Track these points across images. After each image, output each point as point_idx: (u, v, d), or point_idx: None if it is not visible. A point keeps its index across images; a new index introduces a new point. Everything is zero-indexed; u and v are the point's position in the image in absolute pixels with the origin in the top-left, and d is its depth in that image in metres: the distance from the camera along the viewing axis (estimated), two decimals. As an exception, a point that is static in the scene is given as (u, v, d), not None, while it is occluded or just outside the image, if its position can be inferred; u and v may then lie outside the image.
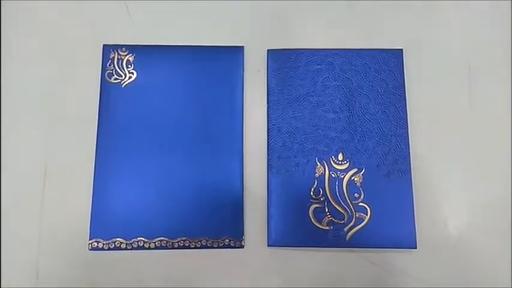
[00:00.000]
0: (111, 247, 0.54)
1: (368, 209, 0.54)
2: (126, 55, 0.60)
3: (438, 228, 0.55)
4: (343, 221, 0.54)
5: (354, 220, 0.54)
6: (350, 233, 0.54)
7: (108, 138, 0.57)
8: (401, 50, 0.60)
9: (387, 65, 0.59)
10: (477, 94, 0.60)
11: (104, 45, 0.61)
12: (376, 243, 0.53)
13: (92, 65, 0.60)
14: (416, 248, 0.53)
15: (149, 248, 0.54)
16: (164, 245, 0.54)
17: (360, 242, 0.53)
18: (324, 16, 0.63)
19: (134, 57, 0.60)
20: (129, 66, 0.60)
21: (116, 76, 0.59)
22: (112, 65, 0.60)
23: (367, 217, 0.54)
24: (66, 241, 0.55)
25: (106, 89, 0.59)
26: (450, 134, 0.58)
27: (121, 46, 0.61)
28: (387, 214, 0.54)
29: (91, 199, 0.55)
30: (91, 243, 0.54)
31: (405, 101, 0.58)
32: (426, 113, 0.59)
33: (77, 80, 0.60)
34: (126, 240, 0.54)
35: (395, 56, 0.60)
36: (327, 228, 0.54)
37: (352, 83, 0.59)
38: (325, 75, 0.59)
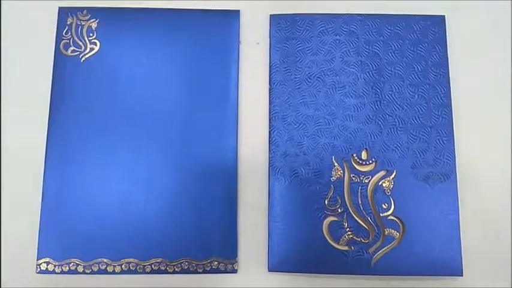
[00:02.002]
0: (65, 270, 0.41)
1: (400, 224, 0.42)
2: (87, 20, 0.47)
3: (490, 249, 0.43)
4: (367, 240, 0.41)
5: (381, 239, 0.41)
6: (376, 256, 0.41)
7: (62, 128, 0.44)
8: (444, 16, 0.46)
9: (426, 36, 0.46)
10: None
11: (59, 7, 0.47)
12: (410, 269, 0.41)
13: (44, 33, 0.46)
14: (462, 275, 0.41)
15: (114, 272, 0.42)
16: (133, 269, 0.41)
17: (389, 267, 0.41)
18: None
19: (98, 23, 0.47)
20: (91, 34, 0.46)
21: (73, 47, 0.46)
22: (69, 33, 0.46)
23: (399, 235, 0.41)
24: (8, 260, 0.42)
25: (61, 63, 0.46)
26: (506, 127, 0.45)
27: (81, 9, 0.47)
28: (425, 231, 0.41)
29: (40, 206, 0.42)
30: (39, 265, 0.41)
31: (449, 83, 0.45)
32: (475, 99, 0.46)
33: (25, 51, 0.47)
34: (84, 261, 0.42)
35: (436, 25, 0.46)
36: (347, 248, 0.41)
37: (380, 59, 0.45)
38: (345, 49, 0.45)
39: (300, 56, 0.45)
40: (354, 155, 0.43)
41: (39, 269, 0.41)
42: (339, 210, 0.42)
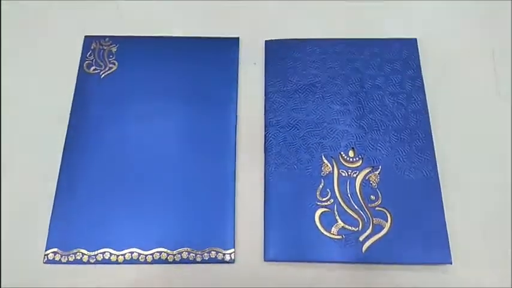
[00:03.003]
0: (71, 260, 0.44)
1: (388, 214, 0.44)
2: (108, 46, 0.54)
3: (478, 237, 0.44)
4: (357, 228, 0.44)
5: (371, 227, 0.44)
6: (367, 244, 0.43)
7: (80, 133, 0.49)
8: (415, 39, 0.53)
9: (401, 54, 0.52)
10: (505, 82, 0.52)
11: (85, 36, 0.55)
12: (400, 257, 0.43)
13: (71, 56, 0.54)
14: (451, 263, 0.42)
15: (117, 262, 0.44)
16: (136, 259, 0.44)
17: (380, 255, 0.43)
18: (325, 4, 0.57)
19: (117, 47, 0.54)
20: (111, 56, 0.54)
21: (95, 67, 0.53)
22: (92, 55, 0.54)
23: (388, 224, 0.44)
24: (16, 251, 0.45)
25: (83, 79, 0.52)
26: (479, 127, 0.50)
27: (104, 37, 0.55)
28: (412, 221, 0.44)
29: (52, 201, 0.46)
30: (47, 255, 0.44)
31: (424, 92, 0.50)
32: (449, 106, 0.51)
33: (53, 71, 0.54)
34: (89, 251, 0.44)
35: (409, 45, 0.53)
36: (338, 237, 0.43)
37: (362, 73, 0.51)
38: (330, 65, 0.52)
39: (292, 71, 0.52)
40: (342, 153, 0.47)
41: (46, 259, 0.44)
42: (330, 201, 0.45)
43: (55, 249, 0.44)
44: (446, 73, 0.53)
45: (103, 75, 0.52)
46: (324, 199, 0.45)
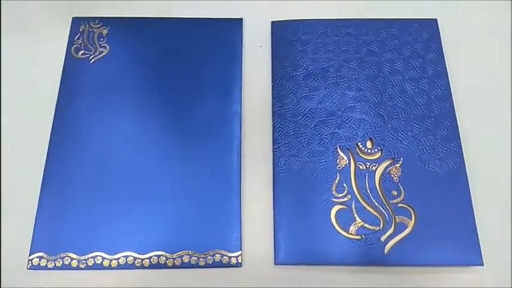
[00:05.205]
0: (58, 265, 0.39)
1: (411, 211, 0.40)
2: (99, 28, 0.49)
3: (510, 236, 0.40)
4: (378, 227, 0.39)
5: (393, 226, 0.39)
6: (389, 245, 0.39)
7: (67, 126, 0.44)
8: (436, 20, 0.49)
9: (421, 36, 0.48)
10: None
11: (73, 17, 0.50)
12: (426, 259, 0.38)
13: (58, 40, 0.49)
14: (483, 264, 0.38)
15: (110, 267, 0.39)
16: (131, 263, 0.39)
17: (403, 256, 0.38)
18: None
19: (108, 30, 0.49)
20: (102, 39, 0.49)
21: (83, 51, 0.48)
22: (81, 39, 0.49)
23: (412, 222, 0.39)
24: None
25: (70, 65, 0.47)
26: (508, 113, 0.45)
27: (94, 18, 0.50)
28: (438, 218, 0.39)
29: (37, 200, 0.41)
30: (31, 260, 0.39)
31: (447, 77, 0.46)
32: (475, 91, 0.46)
33: (37, 56, 0.49)
34: (78, 255, 0.39)
35: (429, 27, 0.48)
36: (357, 237, 0.39)
37: (378, 57, 0.47)
38: (343, 48, 0.47)
39: (301, 55, 0.47)
40: (359, 144, 0.43)
41: (31, 265, 0.39)
42: (347, 197, 0.40)
43: (40, 254, 0.39)
44: (470, 56, 0.48)
45: (93, 60, 0.47)
46: (340, 195, 0.40)
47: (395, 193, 0.40)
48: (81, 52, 0.48)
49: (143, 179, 0.42)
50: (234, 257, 0.39)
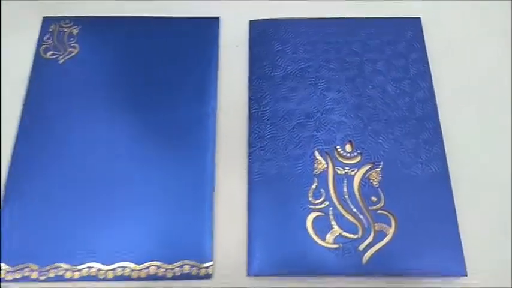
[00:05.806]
0: (18, 277, 0.37)
1: (391, 218, 0.38)
2: (69, 27, 0.47)
3: (494, 245, 0.38)
4: (356, 236, 0.37)
5: (372, 234, 0.37)
6: (368, 254, 0.37)
7: (34, 128, 0.42)
8: (419, 18, 0.47)
9: (403, 36, 0.46)
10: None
11: (44, 17, 0.48)
12: (406, 268, 0.36)
13: (27, 40, 0.47)
14: (466, 275, 0.36)
15: (72, 279, 0.37)
16: (94, 275, 0.37)
17: (383, 266, 0.36)
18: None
19: (79, 29, 0.47)
20: (71, 39, 0.47)
21: (53, 51, 0.46)
22: (51, 39, 0.47)
23: (392, 230, 0.37)
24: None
25: (39, 66, 0.45)
26: (493, 116, 0.43)
27: (64, 18, 0.48)
28: (419, 226, 0.38)
29: (-2, 207, 0.39)
30: (-11, 272, 0.37)
31: (431, 78, 0.44)
32: (459, 93, 0.45)
33: (4, 57, 0.47)
34: (40, 266, 0.37)
35: (412, 26, 0.47)
36: (335, 246, 0.37)
37: (360, 57, 0.45)
38: (323, 48, 0.45)
39: (279, 55, 0.45)
40: (338, 147, 0.41)
41: (-13, 277, 0.37)
42: (324, 204, 0.38)
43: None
44: (454, 56, 0.46)
45: (62, 61, 0.45)
46: (317, 201, 0.38)
47: (375, 199, 0.38)
48: (50, 52, 0.46)
49: (112, 184, 0.40)
50: (204, 268, 0.37)
